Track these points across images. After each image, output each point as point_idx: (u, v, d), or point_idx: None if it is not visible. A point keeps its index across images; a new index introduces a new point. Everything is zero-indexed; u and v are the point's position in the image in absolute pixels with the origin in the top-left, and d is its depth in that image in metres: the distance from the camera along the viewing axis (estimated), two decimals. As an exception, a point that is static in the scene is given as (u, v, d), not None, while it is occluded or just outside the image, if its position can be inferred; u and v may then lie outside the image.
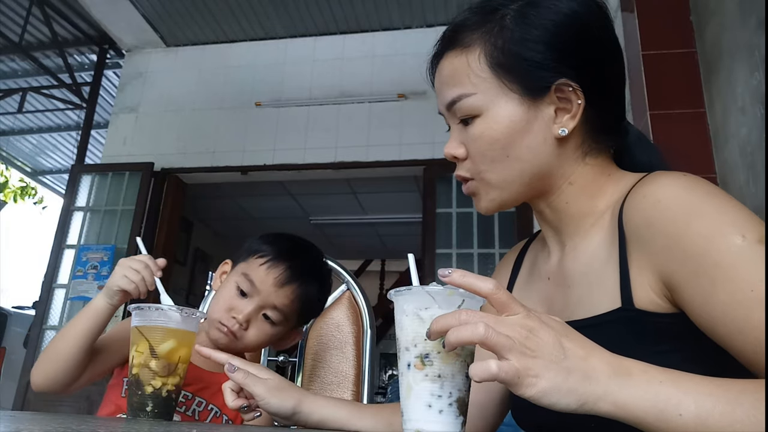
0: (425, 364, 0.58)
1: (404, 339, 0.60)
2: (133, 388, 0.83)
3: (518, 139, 0.71)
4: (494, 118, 0.71)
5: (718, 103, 2.37)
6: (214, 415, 1.02)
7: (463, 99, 0.72)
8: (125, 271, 0.95)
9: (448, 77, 0.75)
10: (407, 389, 0.59)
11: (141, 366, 0.83)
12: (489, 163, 0.72)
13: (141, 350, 0.83)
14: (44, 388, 0.98)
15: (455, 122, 0.75)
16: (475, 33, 0.73)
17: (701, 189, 0.65)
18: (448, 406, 0.57)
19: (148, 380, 0.82)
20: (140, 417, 0.82)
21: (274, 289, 1.03)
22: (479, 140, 0.72)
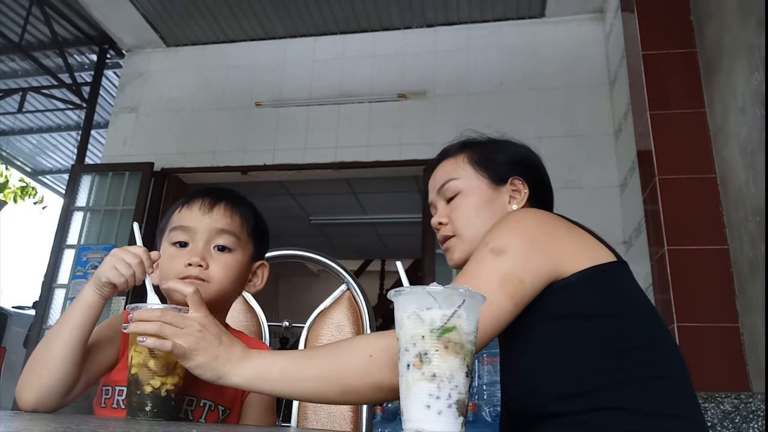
0: (423, 362, 0.58)
1: (404, 339, 0.60)
2: (132, 387, 0.82)
3: (484, 208, 1.04)
4: (472, 192, 1.05)
5: (718, 103, 2.37)
6: (209, 409, 0.97)
7: (451, 181, 1.07)
8: (117, 262, 0.90)
9: (443, 173, 1.09)
10: (406, 389, 0.59)
11: (140, 366, 0.81)
12: (465, 222, 1.04)
13: (140, 350, 0.81)
14: (37, 402, 0.87)
15: (442, 202, 1.08)
16: (460, 150, 1.11)
17: (517, 216, 0.96)
18: (447, 408, 0.57)
19: (147, 380, 0.81)
20: (140, 417, 0.81)
21: (207, 217, 1.00)
22: (461, 207, 1.05)
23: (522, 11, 3.83)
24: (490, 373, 2.34)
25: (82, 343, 0.89)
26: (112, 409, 0.95)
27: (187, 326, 0.79)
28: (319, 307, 1.31)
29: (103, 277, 0.89)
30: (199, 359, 0.79)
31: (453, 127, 3.79)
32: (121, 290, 0.92)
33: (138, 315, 0.80)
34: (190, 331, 0.79)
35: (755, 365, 2.06)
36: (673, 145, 2.49)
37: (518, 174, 1.07)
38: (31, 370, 0.88)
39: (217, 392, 0.99)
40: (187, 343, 0.78)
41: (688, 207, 2.38)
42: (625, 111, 3.13)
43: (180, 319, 0.80)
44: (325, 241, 6.74)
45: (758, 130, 1.99)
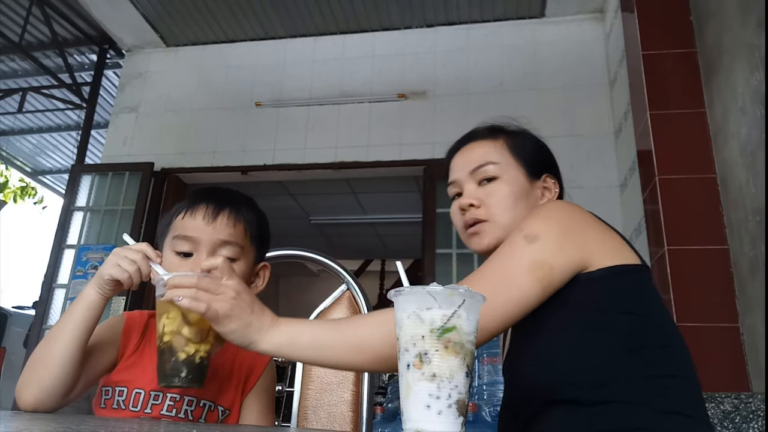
0: (423, 362, 0.58)
1: (404, 339, 0.60)
2: (165, 355, 0.82)
3: (521, 199, 1.03)
4: (512, 181, 1.04)
5: (718, 102, 2.37)
6: (209, 410, 0.98)
7: (491, 165, 1.05)
8: (119, 260, 0.89)
9: (480, 153, 1.07)
10: (406, 389, 0.59)
11: (173, 333, 0.82)
12: (503, 209, 1.02)
13: (173, 317, 0.82)
14: (36, 403, 0.86)
15: (473, 183, 1.06)
16: (497, 134, 1.10)
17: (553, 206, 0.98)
18: (447, 408, 0.57)
19: (182, 347, 0.82)
20: (174, 384, 0.82)
21: (211, 227, 0.96)
22: (499, 193, 1.03)
23: (522, 11, 3.83)
24: (490, 373, 2.34)
25: (83, 343, 0.89)
26: (112, 410, 0.95)
27: (222, 292, 0.80)
28: (319, 307, 1.31)
29: (107, 275, 0.89)
30: (232, 325, 0.80)
31: (453, 127, 3.78)
32: (126, 287, 0.91)
33: (173, 281, 0.80)
34: (225, 297, 0.80)
35: (755, 365, 2.06)
36: (673, 145, 2.49)
37: (550, 172, 1.09)
38: (32, 370, 0.87)
39: (217, 393, 0.99)
40: (221, 309, 0.79)
41: (688, 207, 2.37)
42: (625, 111, 3.13)
43: (215, 286, 0.80)
44: (325, 241, 6.74)
45: (758, 130, 1.99)
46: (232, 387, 1.01)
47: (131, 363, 0.98)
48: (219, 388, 1.00)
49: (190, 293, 0.78)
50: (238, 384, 1.02)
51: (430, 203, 3.57)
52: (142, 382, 0.96)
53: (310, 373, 1.27)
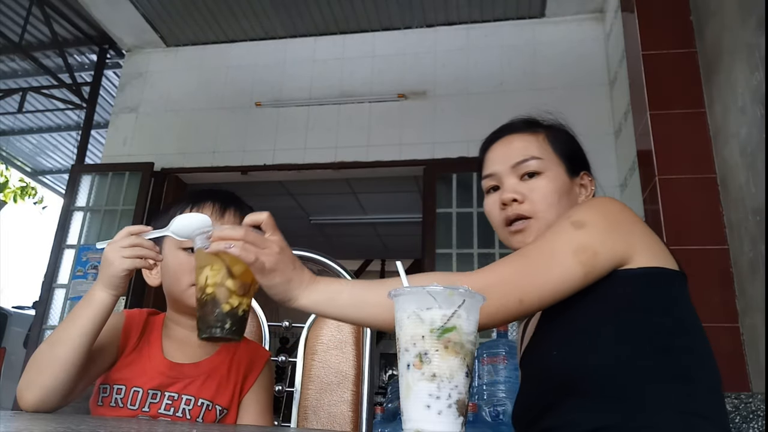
0: (423, 362, 0.58)
1: (404, 339, 0.60)
2: (208, 307, 0.81)
3: (564, 196, 1.02)
4: (554, 177, 1.02)
5: (718, 102, 2.37)
6: (206, 409, 0.97)
7: (535, 160, 1.02)
8: (120, 252, 0.88)
9: (522, 147, 1.04)
10: (406, 389, 0.59)
11: (217, 285, 0.82)
12: (548, 205, 1.00)
13: (218, 268, 0.82)
14: (38, 403, 0.85)
15: (514, 178, 1.03)
16: (536, 128, 1.07)
17: (601, 201, 0.97)
18: (447, 408, 0.57)
19: (226, 299, 0.82)
20: (215, 335, 0.81)
21: (219, 223, 1.01)
22: (543, 189, 1.01)
23: (522, 11, 3.83)
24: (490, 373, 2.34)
25: (89, 347, 0.88)
26: (110, 408, 0.95)
27: (268, 246, 0.81)
28: (319, 307, 1.30)
29: (120, 272, 0.88)
30: (276, 279, 0.81)
31: (453, 127, 3.80)
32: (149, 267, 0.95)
33: (220, 233, 0.80)
34: (271, 252, 0.81)
35: (755, 365, 2.06)
36: (673, 145, 2.49)
37: (586, 169, 1.08)
38: (35, 371, 0.87)
39: (215, 392, 0.99)
40: (267, 262, 0.80)
41: (688, 207, 2.37)
42: (625, 111, 3.13)
43: (261, 240, 0.81)
44: (325, 241, 6.74)
45: (758, 130, 1.99)
46: (230, 386, 1.01)
47: (130, 361, 0.98)
48: (217, 388, 1.00)
49: (239, 245, 0.79)
50: (236, 383, 1.02)
51: (430, 203, 3.57)
52: (141, 380, 0.96)
53: (310, 373, 1.27)
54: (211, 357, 1.02)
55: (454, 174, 3.61)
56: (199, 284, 0.83)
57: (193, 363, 1.00)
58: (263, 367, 1.06)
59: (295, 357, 1.31)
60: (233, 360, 1.04)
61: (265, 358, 1.07)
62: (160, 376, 0.96)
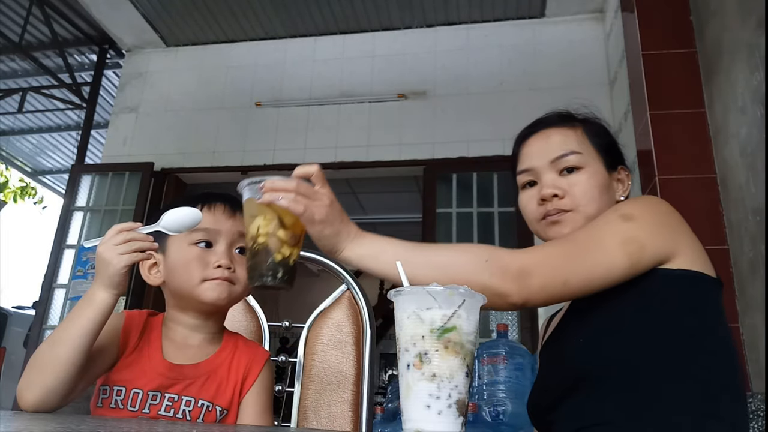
0: (423, 362, 0.58)
1: (404, 339, 0.60)
2: (260, 256, 0.83)
3: (604, 191, 1.01)
4: (594, 172, 1.01)
5: (718, 102, 2.37)
6: (206, 410, 0.97)
7: (574, 154, 1.01)
8: (116, 250, 0.87)
9: (561, 141, 1.03)
10: (406, 389, 0.59)
11: (269, 235, 0.83)
12: (589, 200, 0.99)
13: (270, 219, 0.83)
14: (38, 403, 0.85)
15: (553, 173, 1.02)
16: (575, 122, 1.06)
17: (648, 198, 0.99)
18: (447, 408, 0.57)
19: (278, 248, 0.83)
20: (267, 283, 0.83)
21: (231, 221, 1.04)
22: (585, 184, 1.00)
23: (522, 11, 3.83)
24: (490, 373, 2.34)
25: (89, 347, 0.88)
26: (110, 409, 0.95)
27: (318, 198, 0.83)
28: (319, 307, 1.31)
29: (119, 269, 0.87)
30: (326, 230, 0.84)
31: (453, 127, 3.80)
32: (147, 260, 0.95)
33: (272, 184, 0.82)
34: (321, 203, 0.83)
35: (755, 365, 2.06)
36: (673, 145, 2.49)
37: (623, 163, 1.07)
38: (35, 371, 0.86)
39: (215, 393, 0.99)
40: (317, 213, 0.82)
41: (688, 207, 2.36)
42: (625, 111, 3.13)
43: (312, 191, 0.83)
44: (325, 241, 6.73)
45: (758, 130, 1.99)
46: (230, 387, 1.01)
47: (130, 362, 0.98)
48: (217, 388, 1.00)
49: (290, 196, 0.81)
50: (236, 384, 1.02)
51: (430, 203, 3.57)
52: (141, 381, 0.95)
53: (310, 373, 1.27)
54: (211, 358, 1.02)
55: (454, 174, 3.61)
56: (250, 233, 0.85)
57: (193, 364, 1.00)
58: (263, 368, 1.06)
59: (295, 357, 1.30)
60: (233, 360, 1.04)
61: (265, 359, 1.07)
62: (159, 378, 0.96)
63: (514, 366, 2.33)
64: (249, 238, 0.85)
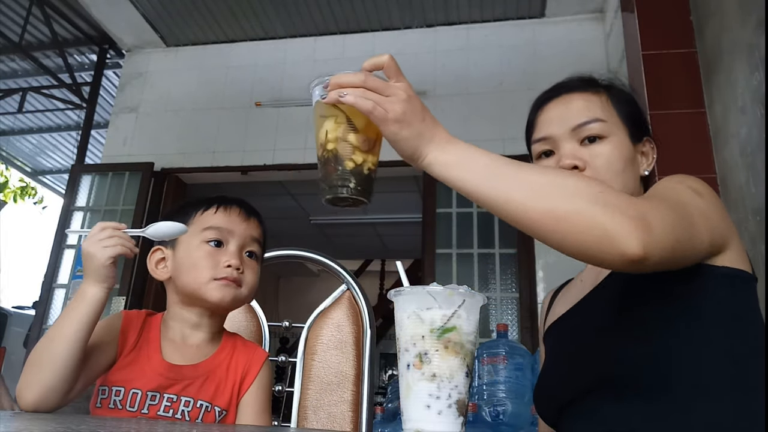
0: (423, 362, 0.58)
1: (404, 339, 0.60)
2: (330, 164, 0.73)
3: (629, 164, 0.92)
4: (619, 143, 0.92)
5: (718, 103, 2.37)
6: (205, 411, 0.97)
7: (598, 122, 0.91)
8: (101, 244, 0.88)
9: (583, 107, 0.93)
10: (406, 389, 0.59)
11: (338, 140, 0.73)
12: (613, 174, 0.89)
13: (339, 122, 0.73)
14: (38, 402, 0.85)
15: (573, 142, 0.92)
16: (600, 87, 0.97)
17: (690, 177, 0.85)
18: (447, 408, 0.57)
19: (348, 155, 0.73)
20: (340, 194, 0.73)
21: (245, 224, 1.05)
22: (608, 155, 0.90)
23: (522, 11, 3.83)
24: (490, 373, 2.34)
25: (85, 343, 0.89)
26: (109, 410, 0.95)
27: (393, 94, 0.70)
28: (319, 307, 1.31)
29: (106, 260, 0.88)
30: (403, 131, 0.70)
31: (453, 127, 3.77)
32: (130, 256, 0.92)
33: (338, 79, 0.71)
34: (396, 99, 0.70)
35: (755, 365, 2.06)
36: (673, 145, 2.48)
37: (649, 135, 0.97)
38: (33, 371, 0.87)
39: (214, 394, 0.99)
40: (391, 111, 0.69)
41: (688, 207, 2.37)
42: (625, 111, 3.13)
43: (383, 86, 0.70)
44: (325, 241, 6.74)
45: (758, 130, 1.99)
46: (229, 387, 1.01)
47: (128, 362, 0.98)
48: (216, 389, 1.00)
49: (357, 92, 0.69)
50: (234, 384, 1.02)
51: (430, 203, 3.57)
52: (140, 382, 0.95)
53: (310, 373, 1.27)
54: (210, 358, 1.03)
55: None
56: (319, 141, 0.76)
57: (192, 364, 1.00)
58: (261, 368, 1.06)
59: (295, 357, 1.31)
60: (231, 361, 1.04)
61: (263, 359, 1.07)
62: (158, 378, 0.96)
63: (514, 366, 2.33)
64: (318, 146, 0.76)
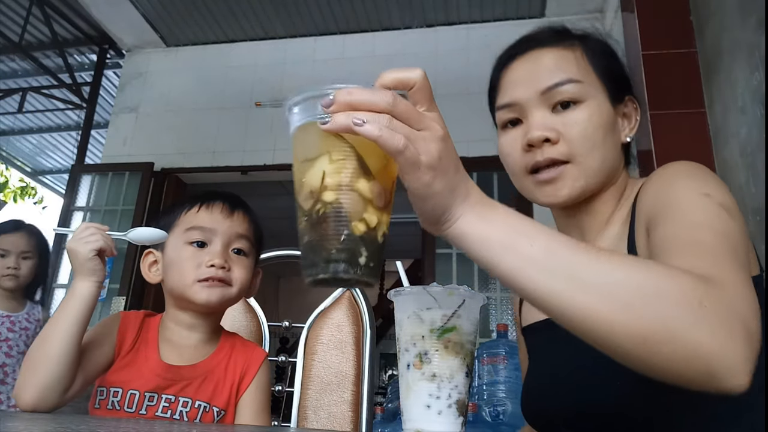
0: (423, 362, 0.58)
1: (404, 339, 0.60)
2: (328, 226, 0.46)
3: (609, 132, 0.78)
4: (597, 107, 0.77)
5: (718, 103, 2.37)
6: (203, 411, 0.97)
7: (572, 83, 0.77)
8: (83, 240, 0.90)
9: (554, 65, 0.78)
10: (406, 389, 0.59)
11: (343, 189, 0.47)
12: (590, 147, 0.76)
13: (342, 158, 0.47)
14: (36, 402, 0.85)
15: (543, 109, 0.78)
16: (574, 40, 0.82)
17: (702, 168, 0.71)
18: (447, 408, 0.57)
19: (359, 212, 0.46)
20: (345, 276, 0.46)
21: (228, 221, 1.02)
22: (584, 124, 0.76)
23: (522, 11, 3.83)
24: (490, 373, 2.34)
25: (79, 338, 0.89)
26: (107, 411, 0.95)
27: (428, 128, 0.47)
28: (319, 307, 1.31)
29: (88, 253, 0.89)
30: (436, 184, 0.48)
31: (453, 127, 3.77)
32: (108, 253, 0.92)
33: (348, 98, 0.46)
34: (432, 137, 0.47)
35: (755, 365, 2.06)
36: (673, 145, 2.49)
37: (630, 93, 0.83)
38: (29, 371, 0.87)
39: (212, 394, 0.99)
40: (426, 154, 0.47)
41: (688, 207, 2.37)
42: (625, 111, 3.13)
43: (417, 115, 0.47)
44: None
45: (758, 130, 1.99)
46: (227, 387, 1.01)
47: (126, 363, 0.98)
48: (214, 389, 1.00)
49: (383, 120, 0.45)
50: (232, 384, 1.02)
51: (430, 203, 3.56)
52: (138, 383, 0.95)
53: (310, 373, 1.27)
54: (208, 358, 1.02)
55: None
56: (307, 186, 0.49)
57: (190, 365, 1.00)
58: (259, 368, 1.06)
59: (295, 357, 1.31)
60: (230, 361, 1.04)
61: (261, 358, 1.07)
62: (156, 379, 0.96)
63: (514, 366, 2.33)
64: (305, 195, 0.49)
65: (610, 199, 0.81)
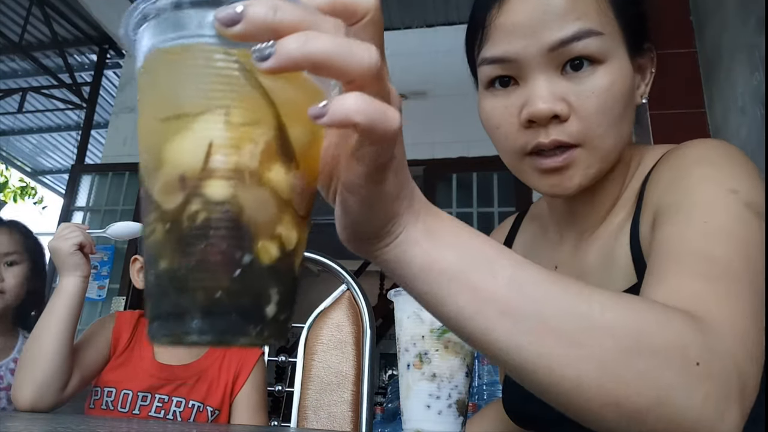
0: (423, 362, 0.58)
1: (404, 339, 0.60)
2: (216, 242, 0.27)
3: (629, 101, 0.58)
4: (620, 69, 0.56)
5: (718, 103, 2.37)
6: (197, 411, 0.97)
7: (591, 37, 0.55)
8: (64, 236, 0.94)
9: (568, 7, 0.55)
10: (406, 389, 0.59)
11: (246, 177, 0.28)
12: (607, 125, 0.56)
13: (245, 121, 0.28)
14: (34, 400, 0.86)
15: (550, 68, 0.56)
16: None
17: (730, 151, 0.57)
18: (447, 408, 0.57)
19: (271, 224, 0.29)
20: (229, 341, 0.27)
21: None
22: (604, 95, 0.55)
23: (522, 11, 3.83)
24: (490, 373, 2.34)
25: (70, 334, 0.90)
26: (101, 410, 0.95)
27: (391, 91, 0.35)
28: (319, 307, 1.31)
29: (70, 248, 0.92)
30: (390, 177, 0.35)
31: (453, 127, 3.80)
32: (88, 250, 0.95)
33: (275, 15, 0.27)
34: (396, 105, 0.35)
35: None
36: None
37: (648, 39, 0.62)
38: (24, 370, 0.87)
39: (206, 394, 0.99)
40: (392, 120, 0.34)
41: (688, 207, 2.37)
42: (625, 111, 3.13)
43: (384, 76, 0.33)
44: (325, 241, 6.74)
45: (758, 130, 1.99)
46: (221, 387, 1.01)
47: (120, 363, 0.98)
48: (208, 389, 1.00)
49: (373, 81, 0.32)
50: (226, 384, 1.02)
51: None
52: (132, 383, 0.96)
53: (310, 373, 1.27)
54: (201, 358, 1.02)
55: (454, 174, 3.61)
56: (169, 168, 0.28)
57: (184, 365, 1.00)
58: (254, 367, 1.06)
59: (295, 357, 1.30)
60: (223, 360, 1.04)
61: (256, 357, 1.07)
62: (150, 379, 0.96)
63: (514, 366, 2.33)
64: (166, 183, 0.28)
65: (616, 179, 0.64)
